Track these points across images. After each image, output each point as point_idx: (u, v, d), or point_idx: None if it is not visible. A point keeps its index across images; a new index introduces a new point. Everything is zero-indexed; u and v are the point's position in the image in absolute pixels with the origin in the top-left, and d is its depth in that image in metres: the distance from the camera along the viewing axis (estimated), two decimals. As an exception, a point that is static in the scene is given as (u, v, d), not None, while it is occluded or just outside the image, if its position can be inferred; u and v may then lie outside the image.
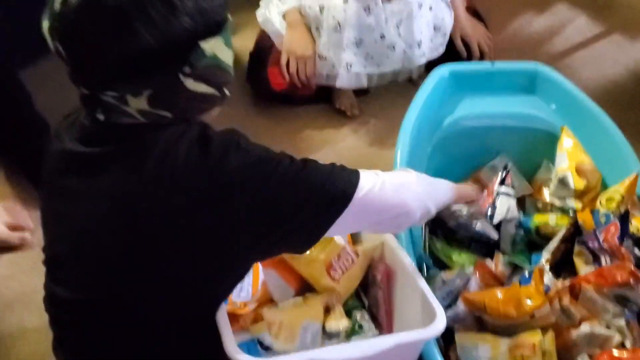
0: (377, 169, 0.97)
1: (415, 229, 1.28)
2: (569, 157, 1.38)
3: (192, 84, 0.81)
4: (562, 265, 1.25)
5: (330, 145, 1.79)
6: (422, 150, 1.40)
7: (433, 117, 1.45)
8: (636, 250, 1.16)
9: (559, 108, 1.50)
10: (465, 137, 1.48)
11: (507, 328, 1.08)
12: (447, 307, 1.13)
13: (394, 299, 1.08)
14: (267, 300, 1.12)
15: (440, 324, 0.89)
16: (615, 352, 1.02)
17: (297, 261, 1.14)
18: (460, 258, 1.27)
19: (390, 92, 1.88)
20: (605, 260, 1.16)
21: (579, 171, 1.36)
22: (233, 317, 1.05)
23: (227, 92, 0.87)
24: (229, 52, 0.84)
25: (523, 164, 1.47)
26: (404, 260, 1.04)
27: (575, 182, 1.34)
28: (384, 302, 1.13)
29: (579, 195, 1.32)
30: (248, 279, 1.08)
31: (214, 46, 0.80)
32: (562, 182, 1.36)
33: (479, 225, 1.31)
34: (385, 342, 0.85)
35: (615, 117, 1.44)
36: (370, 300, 1.18)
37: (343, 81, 1.73)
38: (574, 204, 1.31)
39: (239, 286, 1.02)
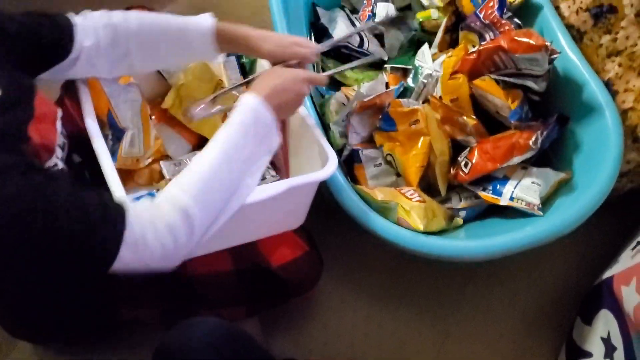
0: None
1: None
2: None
3: None
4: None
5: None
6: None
7: None
8: (516, 19, 1.15)
9: None
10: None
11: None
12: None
13: (289, 143, 1.07)
14: (162, 156, 1.08)
15: (330, 167, 0.89)
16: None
17: (193, 124, 1.10)
18: (354, 74, 1.26)
19: None
20: (489, 36, 1.16)
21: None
22: (127, 174, 1.01)
23: None
24: None
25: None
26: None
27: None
28: (280, 148, 1.12)
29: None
30: (138, 135, 1.01)
31: None
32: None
33: (371, 47, 1.29)
34: (279, 186, 0.84)
35: None
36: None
37: None
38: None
39: (128, 140, 0.96)
